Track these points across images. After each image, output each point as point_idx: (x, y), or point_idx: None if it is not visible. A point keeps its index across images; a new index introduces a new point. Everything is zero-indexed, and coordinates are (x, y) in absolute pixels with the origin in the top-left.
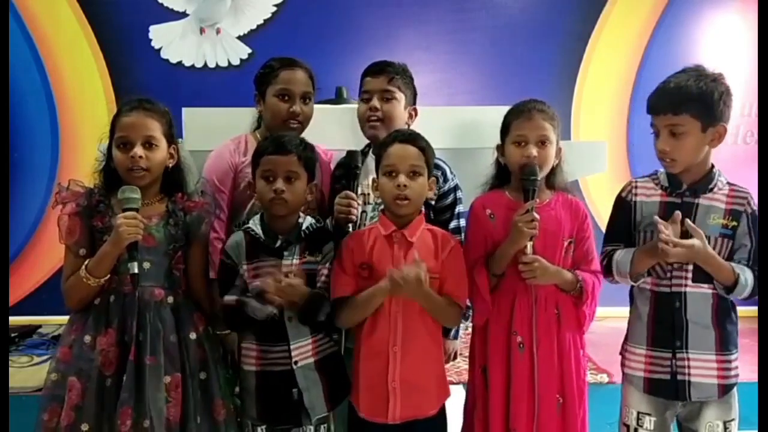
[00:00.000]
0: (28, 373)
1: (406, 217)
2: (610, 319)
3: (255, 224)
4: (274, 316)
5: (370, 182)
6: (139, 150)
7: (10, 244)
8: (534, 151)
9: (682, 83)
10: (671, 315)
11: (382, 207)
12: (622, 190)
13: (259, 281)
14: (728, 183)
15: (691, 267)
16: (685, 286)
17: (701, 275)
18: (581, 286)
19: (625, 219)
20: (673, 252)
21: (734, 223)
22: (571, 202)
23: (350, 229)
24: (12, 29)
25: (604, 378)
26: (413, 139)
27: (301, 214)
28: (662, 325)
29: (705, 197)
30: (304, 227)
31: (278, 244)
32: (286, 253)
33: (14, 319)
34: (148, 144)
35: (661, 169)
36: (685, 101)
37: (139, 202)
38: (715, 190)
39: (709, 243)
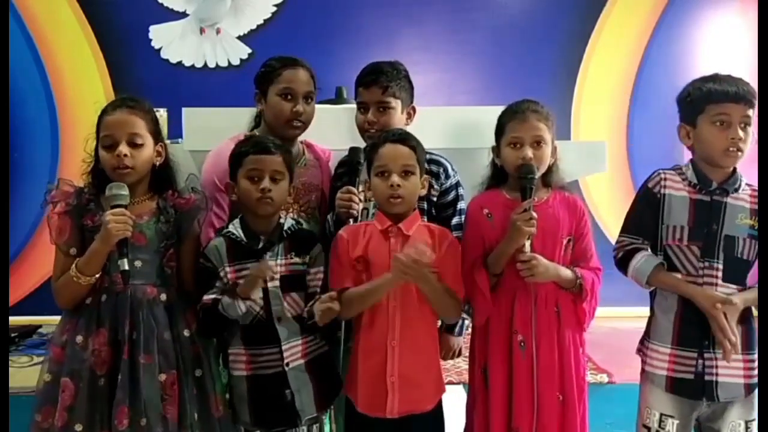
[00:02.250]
0: (28, 373)
1: (402, 213)
2: (610, 319)
3: (235, 228)
4: (260, 317)
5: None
6: (123, 148)
7: (10, 244)
8: (530, 152)
9: (742, 80)
10: (700, 314)
11: (365, 207)
12: (649, 181)
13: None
14: (748, 184)
15: (721, 266)
16: (716, 285)
17: (731, 274)
18: (581, 283)
19: (652, 212)
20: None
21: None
22: (569, 199)
23: (351, 224)
24: (12, 29)
25: (604, 378)
26: (404, 138)
27: (282, 215)
28: (690, 324)
29: (732, 197)
30: (285, 227)
31: (260, 245)
32: (269, 254)
33: (14, 319)
34: (133, 142)
35: (684, 164)
36: (755, 97)
37: (127, 198)
38: (740, 190)
39: (737, 244)
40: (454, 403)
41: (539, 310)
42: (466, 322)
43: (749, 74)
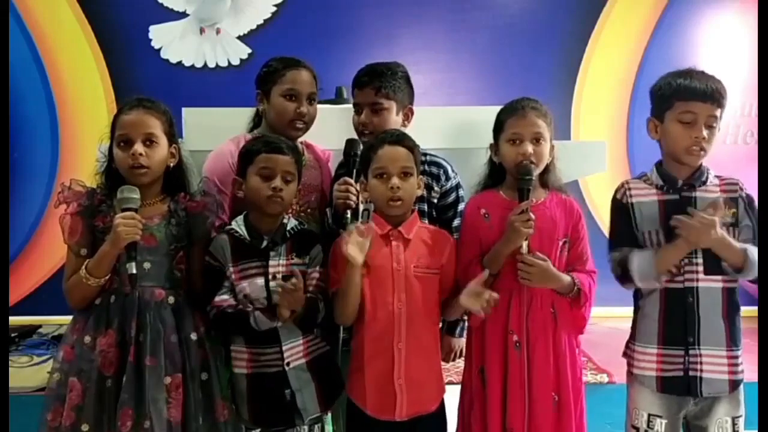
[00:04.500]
0: (28, 373)
1: (400, 215)
2: (610, 319)
3: (239, 225)
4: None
5: None
6: (139, 147)
7: (10, 244)
8: (530, 148)
9: (714, 78)
10: (683, 311)
11: (365, 208)
12: (616, 193)
13: (248, 282)
14: (716, 176)
15: (701, 260)
16: (698, 280)
17: (713, 267)
18: (579, 288)
19: (626, 221)
20: (702, 234)
21: (734, 210)
22: (566, 201)
23: (349, 215)
24: (12, 29)
25: (604, 378)
26: (401, 140)
27: (286, 215)
28: (674, 322)
29: (700, 190)
30: (288, 228)
31: (264, 244)
32: (272, 253)
33: (14, 319)
34: (149, 141)
35: (648, 171)
36: (724, 96)
37: (137, 202)
38: (708, 183)
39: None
40: (454, 403)
41: (534, 311)
42: (467, 323)
43: (749, 74)
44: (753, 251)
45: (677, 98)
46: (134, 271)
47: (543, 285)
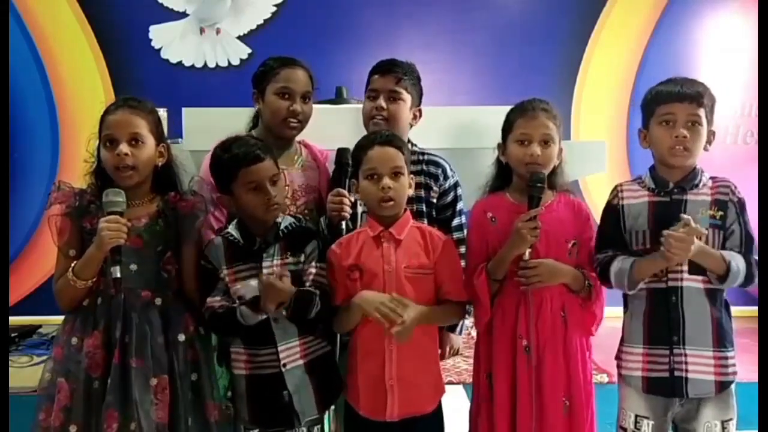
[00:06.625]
0: (28, 373)
1: (393, 216)
2: (609, 319)
3: (233, 228)
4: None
5: None
6: (124, 147)
7: (10, 244)
8: (537, 149)
9: (695, 81)
10: (667, 310)
11: (364, 210)
12: (609, 195)
13: (241, 284)
14: (711, 178)
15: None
16: (681, 280)
17: (697, 267)
18: (590, 284)
19: (614, 223)
20: (678, 253)
21: (721, 213)
22: (573, 203)
23: (343, 226)
24: (12, 29)
25: (604, 378)
26: (391, 140)
27: (281, 215)
28: (659, 321)
29: (692, 193)
30: (282, 227)
31: (256, 246)
32: (265, 255)
33: (14, 319)
34: (134, 141)
35: (644, 174)
36: (704, 96)
37: (123, 205)
38: (700, 186)
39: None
40: (454, 404)
41: (543, 314)
42: (466, 322)
43: (749, 74)
44: (738, 260)
45: (657, 103)
46: (118, 275)
47: (554, 281)
